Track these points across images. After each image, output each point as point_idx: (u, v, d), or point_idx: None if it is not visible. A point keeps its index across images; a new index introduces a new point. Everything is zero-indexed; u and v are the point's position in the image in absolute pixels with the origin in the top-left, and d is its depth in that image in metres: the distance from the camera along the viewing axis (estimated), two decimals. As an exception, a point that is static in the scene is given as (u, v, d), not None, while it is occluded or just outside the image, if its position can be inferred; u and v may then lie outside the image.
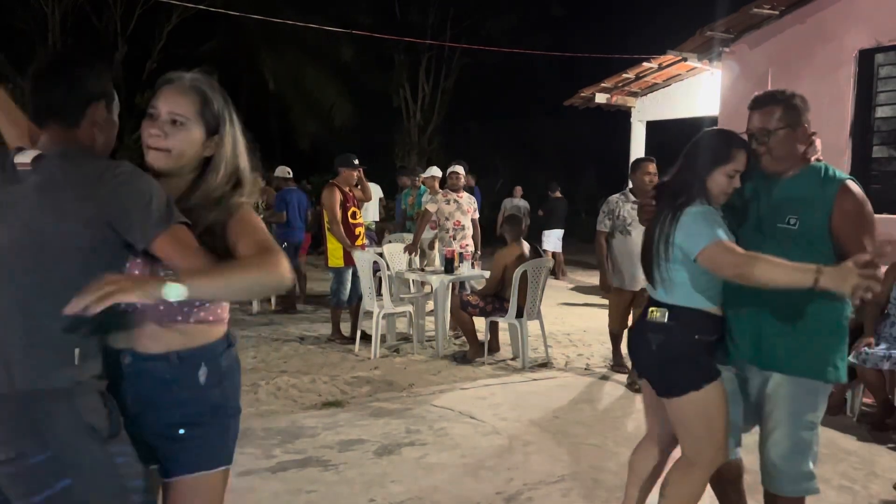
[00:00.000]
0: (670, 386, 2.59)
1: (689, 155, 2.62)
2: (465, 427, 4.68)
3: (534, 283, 6.35)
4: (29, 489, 1.66)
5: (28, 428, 1.64)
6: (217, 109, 1.83)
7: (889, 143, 5.77)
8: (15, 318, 1.65)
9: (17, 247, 1.65)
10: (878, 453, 4.37)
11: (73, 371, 1.67)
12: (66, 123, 1.77)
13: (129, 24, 19.79)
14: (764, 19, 6.38)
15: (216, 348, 1.88)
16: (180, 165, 1.81)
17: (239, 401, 1.98)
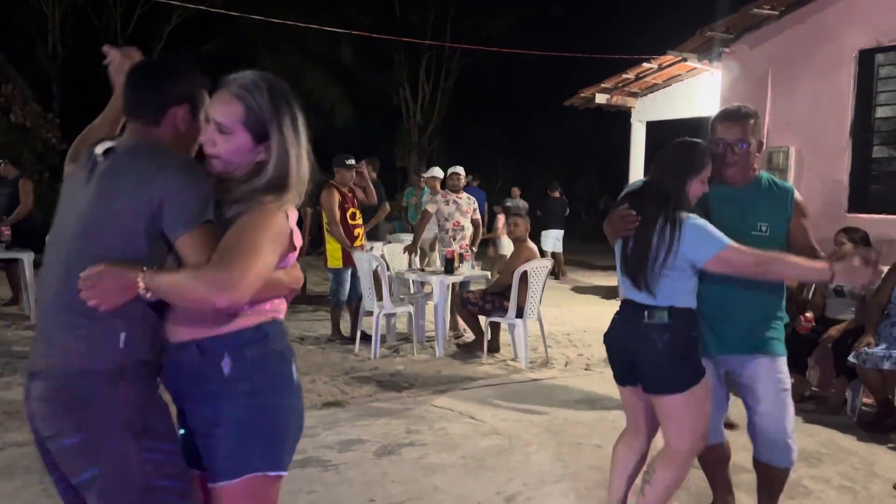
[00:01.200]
0: (673, 384, 2.66)
1: (665, 163, 2.72)
2: (465, 427, 4.68)
3: (534, 284, 6.35)
4: (67, 469, 1.71)
5: (66, 408, 1.68)
6: (263, 117, 1.78)
7: (889, 143, 5.78)
8: (66, 298, 1.69)
9: (76, 231, 1.74)
10: (878, 453, 4.36)
11: (116, 355, 1.69)
12: (148, 121, 1.86)
13: (129, 24, 19.80)
14: (764, 19, 6.38)
15: (241, 337, 1.76)
16: (233, 170, 1.82)
17: (283, 397, 1.82)
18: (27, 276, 7.63)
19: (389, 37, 17.53)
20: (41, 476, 3.70)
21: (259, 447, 1.76)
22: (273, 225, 1.73)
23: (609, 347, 2.86)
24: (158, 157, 1.76)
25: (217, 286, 1.59)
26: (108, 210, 1.72)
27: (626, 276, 2.72)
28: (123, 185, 1.72)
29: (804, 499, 3.69)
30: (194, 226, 1.68)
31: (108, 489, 1.68)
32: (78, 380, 1.69)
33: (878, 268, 2.49)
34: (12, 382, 5.39)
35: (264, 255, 1.68)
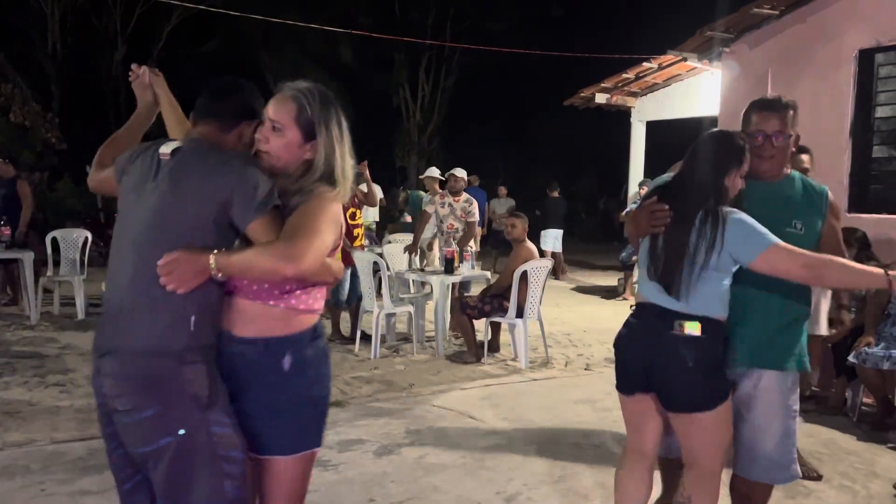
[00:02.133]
0: (702, 402, 2.46)
1: (704, 154, 2.51)
2: (465, 427, 4.68)
3: (534, 284, 6.35)
4: (138, 439, 1.89)
5: (142, 384, 1.87)
6: (313, 117, 1.98)
7: (889, 143, 5.78)
8: (142, 284, 1.88)
9: (148, 223, 1.91)
10: (878, 453, 4.36)
11: (187, 337, 1.87)
12: (220, 127, 2.06)
13: (129, 24, 19.81)
14: (764, 19, 6.38)
15: (302, 338, 2.01)
16: (283, 165, 2.00)
17: (327, 390, 2.11)
18: (27, 277, 7.63)
19: (389, 37, 17.53)
20: (41, 476, 3.71)
21: (310, 430, 2.06)
22: (330, 211, 1.93)
23: (621, 354, 2.62)
24: (223, 152, 1.97)
25: (285, 257, 1.79)
26: (178, 202, 1.89)
27: (655, 278, 2.47)
28: (192, 179, 1.91)
29: (804, 499, 3.69)
30: (264, 212, 1.87)
31: (180, 457, 1.87)
32: (152, 358, 1.87)
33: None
34: (12, 382, 5.39)
35: (324, 234, 1.88)
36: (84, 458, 3.95)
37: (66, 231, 8.60)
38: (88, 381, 5.48)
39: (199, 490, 1.89)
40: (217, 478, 1.90)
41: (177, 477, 1.89)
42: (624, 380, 2.64)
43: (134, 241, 1.94)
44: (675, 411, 2.51)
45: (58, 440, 4.20)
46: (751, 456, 2.67)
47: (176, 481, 1.89)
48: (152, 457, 1.88)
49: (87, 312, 8.01)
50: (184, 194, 1.90)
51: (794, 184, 2.75)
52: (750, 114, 2.74)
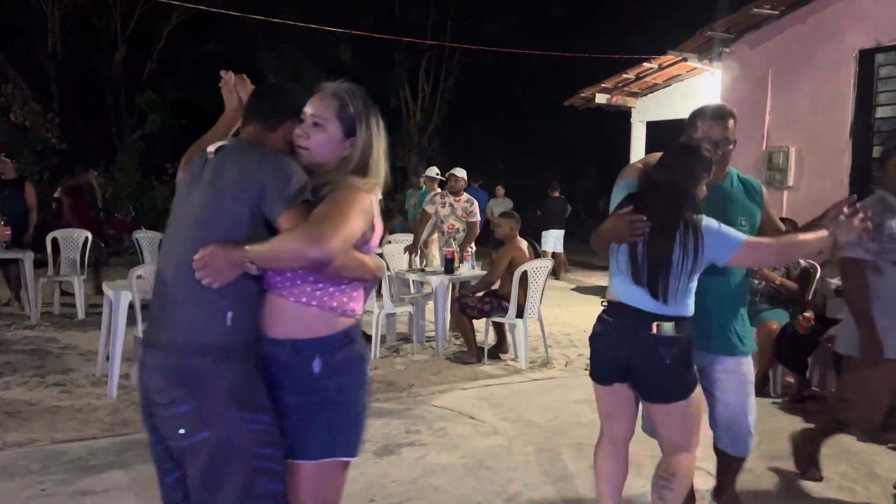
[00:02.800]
0: (679, 392, 2.68)
1: (678, 165, 2.67)
2: (465, 427, 4.68)
3: (534, 284, 6.35)
4: (177, 434, 1.93)
5: (181, 379, 1.91)
6: (354, 113, 2.03)
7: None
8: (183, 280, 1.91)
9: (191, 220, 1.97)
10: (878, 453, 4.36)
11: (223, 333, 1.91)
12: (267, 126, 2.09)
13: (129, 24, 19.79)
14: (764, 19, 6.38)
15: (333, 341, 1.99)
16: (321, 161, 2.02)
17: (359, 398, 2.06)
18: (27, 277, 7.63)
19: (389, 37, 17.53)
20: (41, 476, 3.71)
21: (340, 436, 2.02)
22: (359, 200, 1.93)
23: (598, 349, 2.81)
24: (260, 148, 2.00)
25: (310, 240, 1.79)
26: (217, 199, 1.94)
27: (640, 284, 2.62)
28: (230, 173, 1.95)
29: (804, 499, 3.69)
30: (294, 205, 1.89)
31: (216, 452, 1.90)
32: (191, 354, 1.91)
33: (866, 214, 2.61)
34: (12, 382, 5.39)
35: (351, 220, 1.88)
36: (84, 458, 3.95)
37: (66, 231, 8.60)
38: (88, 380, 5.51)
39: (233, 485, 1.91)
40: (251, 474, 1.91)
41: (211, 471, 1.91)
42: (600, 372, 2.82)
43: (178, 237, 2.00)
44: (652, 402, 2.74)
45: (58, 440, 4.20)
46: (732, 433, 3.02)
47: (210, 476, 1.92)
48: (189, 451, 1.93)
49: (87, 312, 8.01)
50: (222, 190, 1.94)
51: (733, 182, 3.04)
52: (696, 120, 2.95)
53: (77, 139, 18.74)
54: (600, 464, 2.94)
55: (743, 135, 2.96)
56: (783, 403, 5.34)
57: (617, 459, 2.91)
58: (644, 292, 2.62)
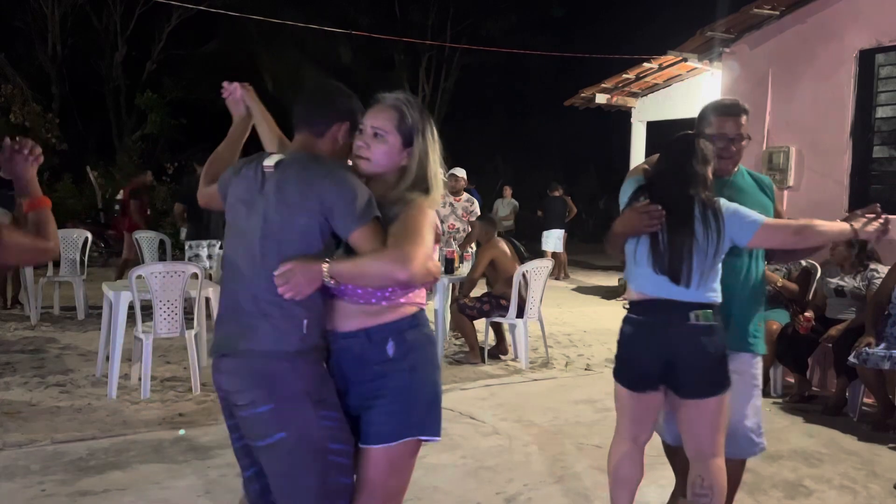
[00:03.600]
0: (719, 384, 2.65)
1: (681, 152, 2.70)
2: (465, 427, 4.68)
3: (534, 283, 6.34)
4: (257, 433, 2.05)
5: (260, 381, 2.02)
6: (412, 124, 2.11)
7: (889, 143, 5.77)
8: (257, 291, 2.04)
9: (259, 234, 2.05)
10: (878, 453, 4.36)
11: (299, 339, 2.02)
12: (313, 133, 2.17)
13: (129, 24, 19.78)
14: (764, 19, 6.38)
15: (402, 323, 2.10)
16: (381, 171, 2.12)
17: (432, 377, 2.14)
18: (28, 278, 7.63)
19: (389, 37, 17.53)
20: (41, 476, 3.71)
21: (418, 415, 2.09)
22: (428, 216, 2.05)
23: (633, 353, 2.70)
24: (323, 164, 2.08)
25: (398, 262, 1.92)
26: (285, 214, 2.03)
27: (665, 272, 2.58)
28: (295, 191, 2.03)
29: (805, 499, 3.69)
30: (366, 222, 1.99)
31: (293, 450, 2.01)
32: (269, 359, 2.02)
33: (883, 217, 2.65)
34: (12, 382, 5.39)
35: (427, 238, 2.01)
36: (84, 458, 3.95)
37: (66, 231, 8.59)
38: (88, 381, 5.51)
39: (309, 480, 2.02)
40: (325, 469, 2.03)
41: (289, 468, 2.03)
42: (636, 379, 2.72)
43: (247, 250, 2.08)
44: (690, 398, 2.65)
45: (58, 440, 4.20)
46: (733, 435, 2.82)
47: (288, 472, 2.04)
48: (266, 451, 2.04)
49: (87, 313, 8.01)
50: (289, 206, 2.02)
51: (744, 177, 3.02)
52: (710, 117, 2.96)
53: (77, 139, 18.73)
54: (619, 466, 2.83)
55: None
56: (783, 403, 5.34)
57: (636, 461, 2.83)
58: (669, 281, 2.59)
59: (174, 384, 5.48)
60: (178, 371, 5.80)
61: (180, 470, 3.84)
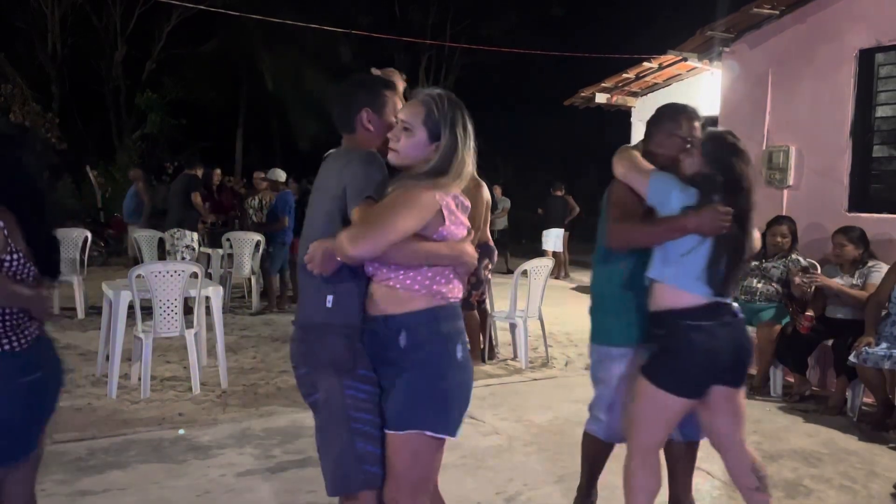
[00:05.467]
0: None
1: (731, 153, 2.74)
2: (465, 427, 4.64)
3: (534, 283, 6.34)
4: (303, 391, 2.40)
5: (299, 348, 2.35)
6: (439, 120, 2.20)
7: (889, 143, 5.77)
8: (304, 271, 2.26)
9: (309, 219, 2.36)
10: (878, 453, 4.36)
11: (325, 313, 2.24)
12: (347, 131, 2.42)
13: (129, 24, 19.79)
14: (764, 19, 6.37)
15: (418, 317, 2.18)
16: (409, 162, 2.23)
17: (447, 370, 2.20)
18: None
19: (389, 37, 17.53)
20: (41, 476, 3.70)
21: (423, 409, 2.18)
22: (411, 198, 2.10)
23: (702, 361, 2.65)
24: (347, 155, 2.31)
25: (351, 239, 2.06)
26: (320, 200, 2.30)
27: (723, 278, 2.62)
28: (326, 179, 2.31)
29: (804, 499, 3.69)
30: (359, 202, 2.15)
31: (323, 411, 2.27)
32: (305, 329, 2.32)
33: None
34: (12, 382, 5.38)
35: (393, 220, 2.07)
36: (84, 458, 3.95)
37: (66, 231, 8.60)
38: (88, 380, 5.51)
39: (335, 441, 2.23)
40: (348, 433, 2.20)
41: (322, 426, 2.29)
42: (698, 385, 2.69)
43: (304, 235, 2.35)
44: (739, 386, 2.76)
45: (58, 440, 4.19)
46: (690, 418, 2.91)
47: (321, 427, 2.29)
48: (314, 407, 2.35)
49: (87, 312, 8.01)
50: (322, 193, 2.30)
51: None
52: (681, 119, 2.97)
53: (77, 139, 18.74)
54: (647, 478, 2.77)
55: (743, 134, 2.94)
56: (783, 403, 5.34)
57: (657, 469, 2.81)
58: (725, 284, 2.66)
59: (174, 384, 5.48)
60: (178, 371, 5.80)
61: (180, 470, 3.84)
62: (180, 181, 8.94)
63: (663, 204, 2.69)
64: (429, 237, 2.15)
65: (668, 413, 2.72)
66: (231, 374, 5.66)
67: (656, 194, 2.71)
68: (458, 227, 2.20)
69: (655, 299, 2.72)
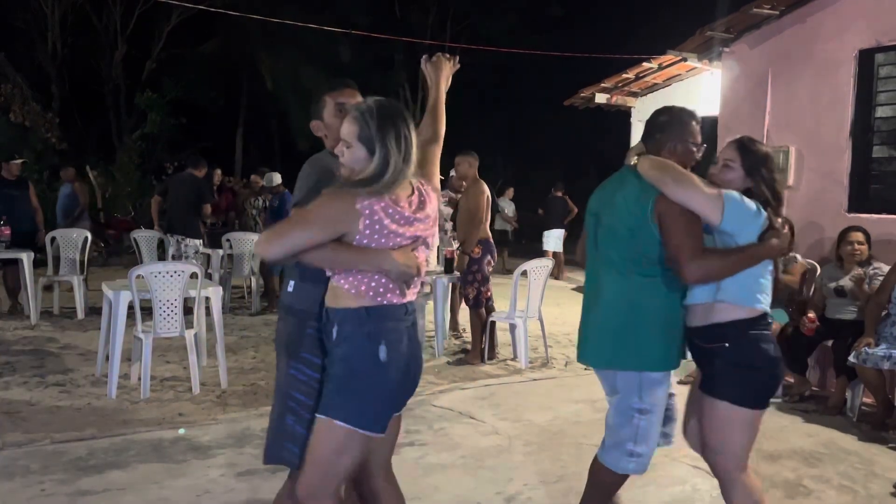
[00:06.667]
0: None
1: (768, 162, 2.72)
2: (465, 427, 4.68)
3: (534, 283, 6.34)
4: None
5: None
6: (371, 135, 2.23)
7: (889, 143, 5.77)
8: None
9: None
10: (878, 453, 4.36)
11: (286, 297, 2.46)
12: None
13: (129, 24, 19.78)
14: (764, 19, 6.37)
15: (345, 314, 2.26)
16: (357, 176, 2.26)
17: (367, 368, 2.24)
18: (27, 277, 7.63)
19: (389, 37, 17.52)
20: (41, 476, 3.71)
21: (339, 399, 2.27)
22: (320, 208, 2.21)
23: (781, 370, 2.74)
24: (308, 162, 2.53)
25: (264, 241, 2.23)
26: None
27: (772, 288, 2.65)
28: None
29: (804, 499, 3.69)
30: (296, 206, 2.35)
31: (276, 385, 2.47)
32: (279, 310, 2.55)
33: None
34: (12, 382, 5.39)
35: (299, 228, 2.19)
36: (84, 458, 3.95)
37: (66, 231, 8.60)
38: (88, 381, 5.51)
39: (272, 414, 2.45)
40: (283, 409, 2.38)
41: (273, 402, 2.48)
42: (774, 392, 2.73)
43: None
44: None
45: (58, 440, 4.20)
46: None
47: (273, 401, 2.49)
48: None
49: (87, 312, 8.01)
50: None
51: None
52: (690, 123, 2.87)
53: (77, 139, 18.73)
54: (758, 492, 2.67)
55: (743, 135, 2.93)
56: (783, 403, 5.34)
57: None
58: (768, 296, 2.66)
59: (174, 384, 5.48)
60: (178, 371, 5.80)
61: (180, 470, 3.84)
62: (187, 183, 8.52)
63: (741, 231, 2.56)
64: (351, 242, 2.22)
65: (756, 425, 2.63)
66: (231, 374, 5.66)
67: (735, 221, 2.54)
68: (385, 236, 2.22)
69: (708, 314, 2.60)
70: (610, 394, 2.80)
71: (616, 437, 2.74)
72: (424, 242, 2.36)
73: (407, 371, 2.33)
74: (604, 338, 2.80)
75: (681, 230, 2.52)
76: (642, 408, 2.67)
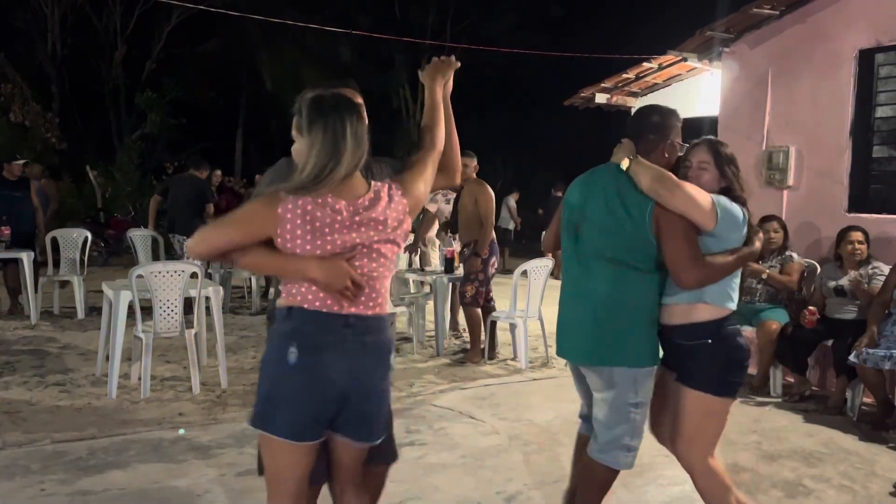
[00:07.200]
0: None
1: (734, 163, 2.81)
2: (465, 427, 4.68)
3: (534, 283, 6.34)
4: None
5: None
6: (301, 124, 2.15)
7: (889, 143, 5.77)
8: None
9: None
10: (878, 453, 4.36)
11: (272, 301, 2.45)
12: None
13: (128, 23, 19.78)
14: (764, 19, 6.37)
15: (279, 312, 2.18)
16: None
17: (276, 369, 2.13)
18: (27, 277, 7.63)
19: (389, 37, 17.52)
20: (41, 476, 3.71)
21: (256, 404, 2.18)
22: (241, 211, 2.16)
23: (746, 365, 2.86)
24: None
25: (194, 240, 2.15)
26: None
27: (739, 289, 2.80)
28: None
29: (804, 498, 3.69)
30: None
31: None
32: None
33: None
34: (12, 382, 5.39)
35: (219, 228, 2.17)
36: (84, 458, 3.95)
37: (65, 231, 8.60)
38: (88, 380, 5.51)
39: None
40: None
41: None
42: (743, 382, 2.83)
43: None
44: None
45: (58, 440, 4.20)
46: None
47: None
48: None
49: (87, 312, 8.01)
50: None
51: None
52: (678, 124, 2.86)
53: (77, 139, 18.74)
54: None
55: (743, 135, 2.96)
56: (783, 403, 5.34)
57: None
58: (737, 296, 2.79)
59: (174, 384, 5.48)
60: (178, 370, 5.80)
61: (180, 470, 3.84)
62: (188, 184, 8.58)
63: (730, 236, 2.66)
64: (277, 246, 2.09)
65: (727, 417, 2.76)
66: (231, 374, 5.66)
67: (726, 227, 2.63)
68: (311, 242, 2.05)
69: (689, 313, 2.68)
70: (600, 390, 2.82)
71: (611, 433, 2.78)
72: (372, 253, 2.12)
73: (332, 385, 2.09)
74: (599, 335, 2.75)
75: (679, 237, 2.59)
76: (638, 402, 2.74)
